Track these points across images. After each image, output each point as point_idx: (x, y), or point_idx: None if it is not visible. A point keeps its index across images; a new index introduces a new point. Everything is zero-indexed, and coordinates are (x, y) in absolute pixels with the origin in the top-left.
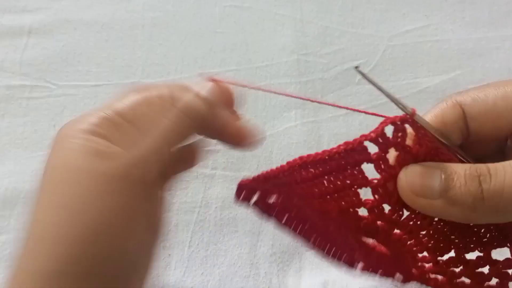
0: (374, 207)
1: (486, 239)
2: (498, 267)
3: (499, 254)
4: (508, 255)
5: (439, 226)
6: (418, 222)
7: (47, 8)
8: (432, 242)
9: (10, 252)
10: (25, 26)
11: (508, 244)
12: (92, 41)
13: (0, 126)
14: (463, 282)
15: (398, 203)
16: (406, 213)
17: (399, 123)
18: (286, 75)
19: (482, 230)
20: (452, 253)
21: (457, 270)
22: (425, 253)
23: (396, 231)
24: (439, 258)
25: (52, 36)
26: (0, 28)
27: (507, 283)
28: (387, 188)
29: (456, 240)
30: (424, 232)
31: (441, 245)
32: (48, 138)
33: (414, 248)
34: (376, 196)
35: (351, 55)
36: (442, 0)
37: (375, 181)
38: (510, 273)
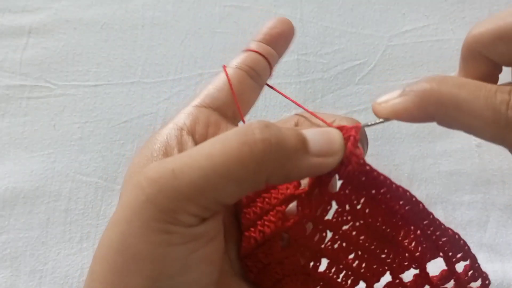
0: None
1: (418, 253)
2: (437, 284)
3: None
4: (442, 265)
5: (367, 245)
6: (344, 244)
7: (47, 8)
8: (364, 265)
9: (10, 252)
10: (25, 26)
11: (441, 253)
12: (92, 41)
13: (0, 126)
14: None
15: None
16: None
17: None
18: (286, 75)
19: (413, 244)
20: (388, 276)
21: None
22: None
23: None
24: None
25: (52, 36)
26: (0, 28)
27: None
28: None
29: (388, 260)
30: (352, 256)
31: (374, 266)
32: (48, 138)
33: (348, 281)
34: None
35: (351, 55)
36: (442, 0)
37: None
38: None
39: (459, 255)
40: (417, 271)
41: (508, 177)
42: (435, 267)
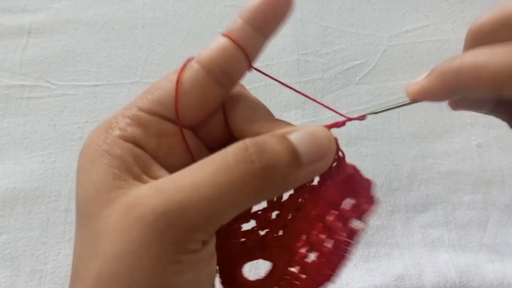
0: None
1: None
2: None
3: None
4: None
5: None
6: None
7: (47, 8)
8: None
9: (10, 252)
10: (25, 26)
11: (354, 194)
12: (92, 41)
13: (0, 126)
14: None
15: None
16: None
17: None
18: (286, 75)
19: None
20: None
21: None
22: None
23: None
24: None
25: (52, 36)
26: (0, 28)
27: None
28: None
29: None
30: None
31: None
32: (48, 138)
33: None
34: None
35: (351, 55)
36: (442, 0)
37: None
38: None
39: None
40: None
41: (508, 177)
42: None
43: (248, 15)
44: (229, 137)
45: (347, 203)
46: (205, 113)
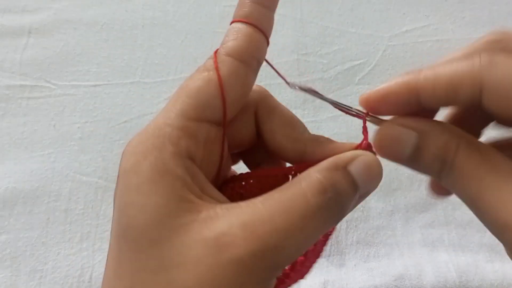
0: None
1: None
2: None
3: None
4: None
5: None
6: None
7: (47, 8)
8: None
9: (10, 252)
10: (25, 26)
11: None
12: (92, 41)
13: (0, 126)
14: None
15: None
16: None
17: None
18: (286, 75)
19: None
20: None
21: None
22: None
23: None
24: None
25: (52, 36)
26: (0, 28)
27: None
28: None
29: None
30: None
31: None
32: (48, 138)
33: None
34: None
35: (351, 55)
36: (442, 0)
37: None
38: None
39: None
40: None
41: None
42: None
43: None
44: (253, 142)
45: None
46: (243, 103)
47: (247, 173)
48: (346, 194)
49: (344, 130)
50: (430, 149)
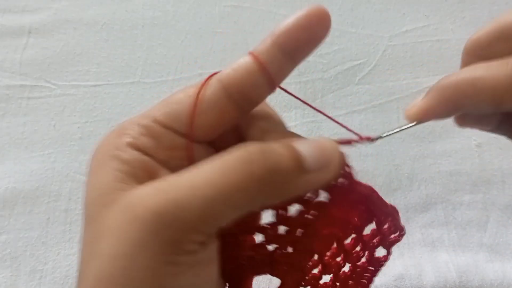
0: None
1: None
2: (368, 241)
3: None
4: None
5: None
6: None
7: (47, 8)
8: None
9: (10, 252)
10: (25, 26)
11: (374, 219)
12: (92, 41)
13: (0, 126)
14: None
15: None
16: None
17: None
18: None
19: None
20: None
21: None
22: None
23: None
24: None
25: (52, 36)
26: (0, 28)
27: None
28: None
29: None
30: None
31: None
32: (48, 138)
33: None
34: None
35: (351, 55)
36: (442, 0)
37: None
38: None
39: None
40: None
41: (508, 177)
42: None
43: (279, 37)
44: (225, 130)
45: (370, 229)
46: (219, 132)
47: None
48: (281, 159)
49: (344, 130)
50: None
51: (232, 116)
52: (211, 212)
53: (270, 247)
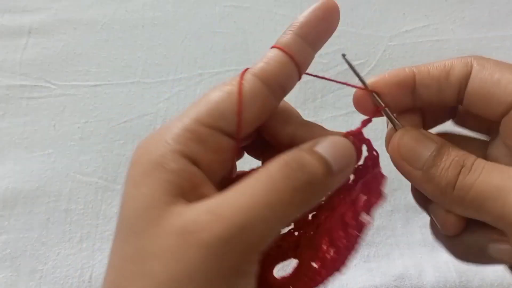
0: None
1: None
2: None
3: None
4: None
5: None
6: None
7: (47, 8)
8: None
9: (10, 252)
10: (25, 26)
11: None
12: (92, 41)
13: (0, 126)
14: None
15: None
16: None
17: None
18: None
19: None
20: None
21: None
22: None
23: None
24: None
25: (52, 36)
26: (0, 28)
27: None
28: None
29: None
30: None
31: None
32: (48, 138)
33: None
34: None
35: (351, 55)
36: (442, 0)
37: None
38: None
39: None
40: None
41: None
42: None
43: (301, 29)
44: (253, 137)
45: (360, 198)
46: (259, 125)
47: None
48: (315, 169)
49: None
50: (451, 154)
51: (270, 109)
52: (270, 232)
53: (296, 233)
